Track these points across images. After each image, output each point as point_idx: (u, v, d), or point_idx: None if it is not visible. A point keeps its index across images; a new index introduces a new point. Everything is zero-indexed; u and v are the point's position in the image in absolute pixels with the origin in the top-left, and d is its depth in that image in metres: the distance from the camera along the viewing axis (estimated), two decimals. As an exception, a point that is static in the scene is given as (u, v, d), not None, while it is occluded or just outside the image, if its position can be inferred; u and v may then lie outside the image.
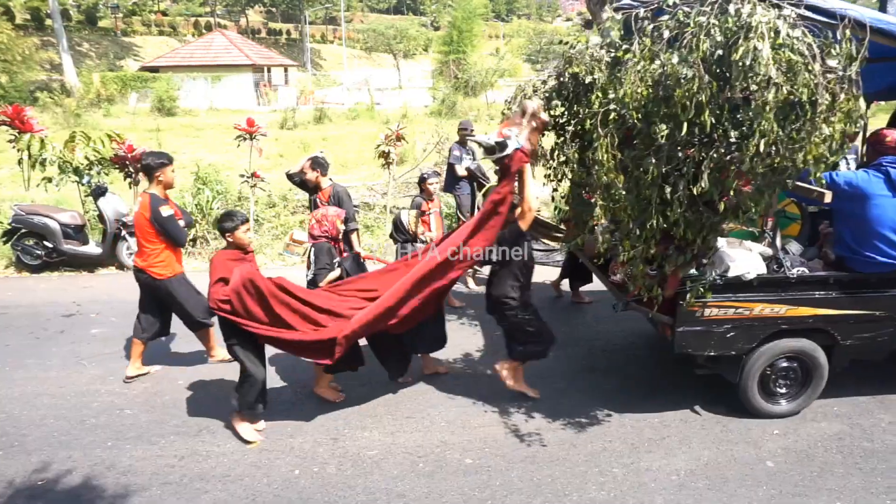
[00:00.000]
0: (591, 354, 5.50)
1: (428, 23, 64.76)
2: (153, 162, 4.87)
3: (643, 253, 3.70)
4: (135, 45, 42.02)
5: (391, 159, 8.65)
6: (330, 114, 23.49)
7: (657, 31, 3.47)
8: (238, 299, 3.95)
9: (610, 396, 4.72)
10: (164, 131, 18.81)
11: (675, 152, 3.42)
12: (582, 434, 4.23)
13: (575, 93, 4.50)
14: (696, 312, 4.00)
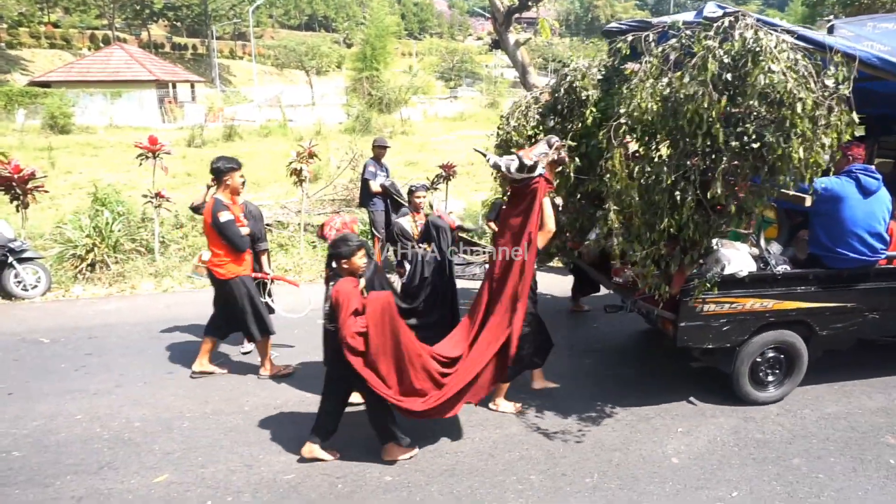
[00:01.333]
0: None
1: (340, 40, 64.50)
2: (223, 166, 4.93)
3: (653, 254, 4.02)
4: (22, 58, 39.31)
5: (304, 177, 8.53)
6: (241, 131, 22.85)
7: (663, 53, 3.89)
8: (380, 332, 3.75)
9: (523, 404, 4.83)
10: (57, 150, 17.62)
11: (683, 161, 3.82)
12: (499, 444, 4.30)
13: (570, 108, 4.80)
14: (697, 308, 4.34)
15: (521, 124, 5.56)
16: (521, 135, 5.49)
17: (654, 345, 6.20)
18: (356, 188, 10.61)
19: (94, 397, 4.95)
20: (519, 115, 5.64)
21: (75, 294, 7.55)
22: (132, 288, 7.72)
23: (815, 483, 3.88)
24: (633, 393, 5.01)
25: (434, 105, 34.68)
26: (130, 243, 8.40)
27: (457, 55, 52.68)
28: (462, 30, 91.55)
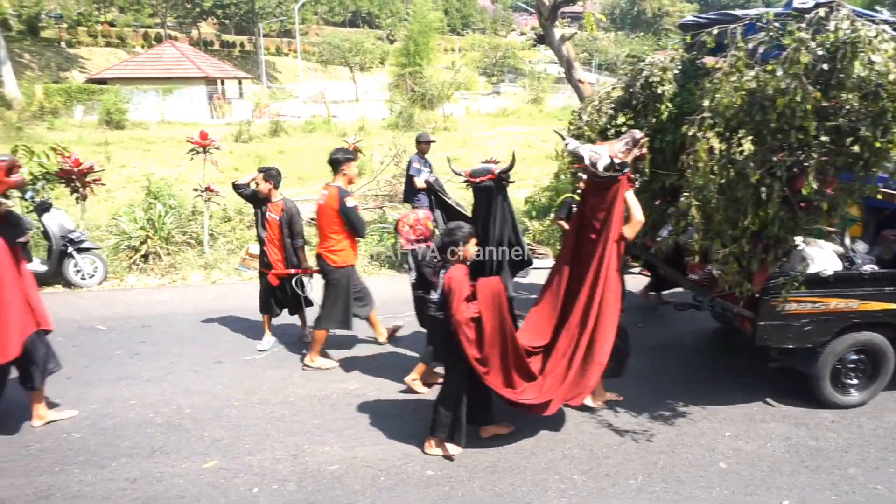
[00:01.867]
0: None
1: (384, 36, 64.91)
2: (341, 157, 5.24)
3: (736, 251, 3.95)
4: (80, 56, 40.82)
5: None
6: (286, 126, 23.24)
7: (749, 46, 3.84)
8: (492, 316, 3.83)
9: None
10: (112, 145, 18.28)
11: (769, 157, 3.74)
12: (542, 442, 4.27)
13: (644, 103, 4.83)
14: (777, 307, 4.24)
15: (593, 119, 5.50)
16: (594, 129, 5.44)
17: (708, 345, 6.07)
18: (399, 184, 10.69)
19: (147, 384, 5.13)
20: (592, 110, 5.58)
21: (129, 284, 7.83)
22: (183, 279, 7.96)
23: (873, 494, 3.73)
24: (682, 394, 4.90)
25: (476, 101, 34.59)
26: (181, 235, 8.65)
27: (500, 51, 52.36)
28: (505, 25, 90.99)
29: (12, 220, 4.31)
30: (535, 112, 30.27)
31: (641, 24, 72.34)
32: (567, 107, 30.68)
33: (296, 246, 5.62)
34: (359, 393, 4.97)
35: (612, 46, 55.94)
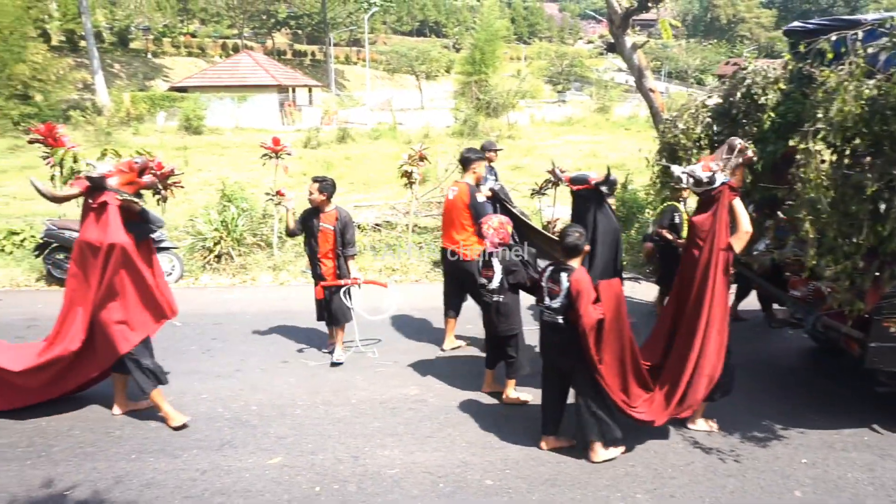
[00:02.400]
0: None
1: (450, 45, 65.53)
2: (472, 156, 5.54)
3: (849, 268, 3.79)
4: (164, 65, 43.10)
5: (414, 179, 8.72)
6: (353, 133, 23.78)
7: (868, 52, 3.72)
8: (613, 318, 3.90)
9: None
10: (190, 149, 19.18)
11: (889, 169, 3.58)
12: (604, 458, 4.17)
13: (745, 112, 4.70)
14: (891, 328, 4.04)
15: (689, 127, 5.39)
16: (689, 138, 5.34)
17: (789, 365, 5.80)
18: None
19: (218, 379, 5.33)
20: (688, 118, 5.47)
21: (203, 282, 8.17)
22: (252, 279, 8.24)
23: (968, 535, 3.46)
24: (756, 416, 4.68)
25: (541, 109, 34.38)
26: (252, 237, 8.97)
27: (566, 59, 51.92)
28: (572, 33, 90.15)
29: (145, 218, 4.59)
30: (602, 121, 29.81)
31: (715, 30, 70.10)
32: (634, 116, 30.14)
33: (347, 255, 5.59)
34: (419, 398, 5.00)
35: (683, 54, 54.45)
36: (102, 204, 4.28)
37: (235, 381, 5.32)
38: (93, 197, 4.32)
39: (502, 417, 4.71)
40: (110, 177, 4.34)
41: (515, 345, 4.84)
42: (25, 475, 3.97)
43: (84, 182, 4.30)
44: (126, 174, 4.45)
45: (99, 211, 4.30)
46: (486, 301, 4.80)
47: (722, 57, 60.73)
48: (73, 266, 4.51)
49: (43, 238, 7.94)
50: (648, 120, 26.64)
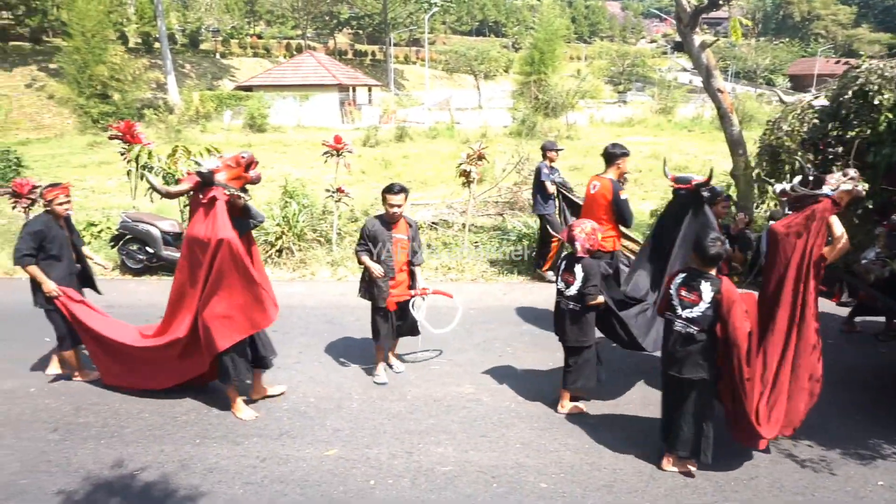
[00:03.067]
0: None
1: (509, 44, 65.24)
2: (617, 151, 5.56)
3: None
4: (232, 66, 44.58)
5: (472, 178, 8.72)
6: (411, 132, 24.00)
7: None
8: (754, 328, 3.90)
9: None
10: (254, 146, 19.79)
11: None
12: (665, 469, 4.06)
13: (857, 112, 4.54)
14: None
15: (794, 129, 5.21)
16: (794, 140, 5.16)
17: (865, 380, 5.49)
18: (520, 191, 10.66)
19: (278, 371, 5.46)
20: (793, 120, 5.28)
21: (265, 276, 8.40)
22: (311, 274, 8.43)
23: None
24: (829, 432, 4.46)
25: (601, 110, 33.78)
26: (312, 233, 9.18)
27: (628, 58, 50.86)
28: (635, 32, 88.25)
29: (249, 213, 4.60)
30: (663, 122, 29.04)
31: (787, 28, 67.21)
32: (698, 117, 29.22)
33: (417, 263, 5.22)
34: (473, 397, 5.00)
35: (752, 54, 52.41)
36: (211, 199, 4.31)
37: (294, 372, 5.45)
38: (202, 192, 4.35)
39: (558, 420, 4.65)
40: (218, 172, 4.36)
41: (585, 358, 4.67)
42: (100, 454, 4.19)
43: (194, 178, 4.36)
44: (234, 169, 4.45)
45: (208, 206, 4.33)
46: (562, 307, 4.71)
47: (794, 56, 58.16)
48: (181, 260, 4.60)
49: (118, 230, 8.35)
50: (713, 122, 25.90)
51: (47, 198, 5.10)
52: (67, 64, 27.10)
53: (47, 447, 4.29)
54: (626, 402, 4.94)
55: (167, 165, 8.33)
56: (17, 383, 5.24)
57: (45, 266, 5.00)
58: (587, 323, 4.63)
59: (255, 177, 4.59)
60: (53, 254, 5.04)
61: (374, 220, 5.12)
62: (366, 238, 5.04)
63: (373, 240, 5.02)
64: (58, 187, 5.14)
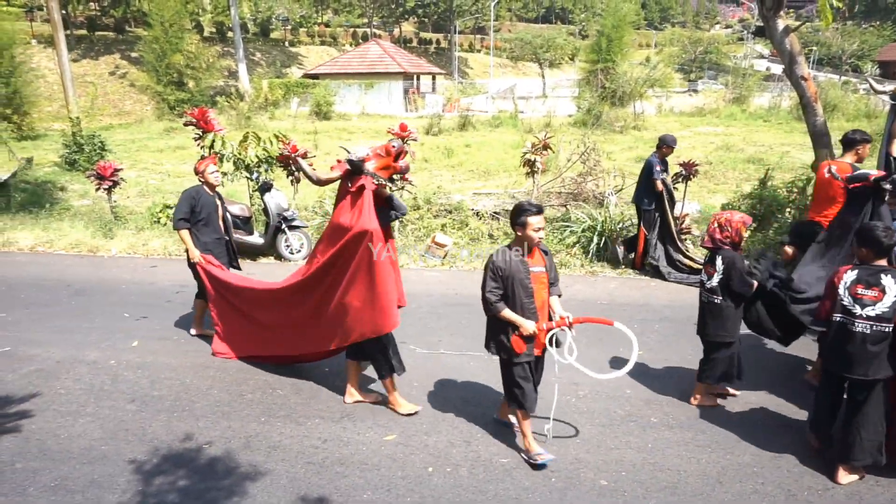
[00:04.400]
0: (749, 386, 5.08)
1: (576, 31, 63.90)
2: (858, 137, 5.39)
3: None
4: (300, 54, 45.57)
5: (536, 168, 8.59)
6: (473, 121, 23.90)
7: None
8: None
9: (771, 432, 4.32)
10: (320, 133, 20.17)
11: None
12: (730, 471, 3.91)
13: None
14: None
15: None
16: None
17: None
18: (585, 182, 10.46)
19: (341, 354, 5.57)
20: None
21: (328, 261, 8.58)
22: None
23: None
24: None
25: (671, 99, 32.63)
26: (375, 220, 9.28)
27: (700, 45, 48.86)
28: (709, 18, 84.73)
29: (392, 204, 4.50)
30: (737, 112, 27.77)
31: (877, 11, 62.91)
32: (775, 107, 27.80)
33: (556, 293, 4.09)
34: (533, 390, 4.94)
35: (837, 38, 49.35)
36: (360, 188, 4.27)
37: (356, 357, 5.54)
38: (351, 180, 4.32)
39: (618, 418, 4.55)
40: (368, 161, 4.30)
41: (723, 354, 4.52)
42: (172, 426, 4.39)
43: (344, 166, 4.32)
44: (383, 158, 4.38)
45: (355, 195, 4.30)
46: (703, 299, 4.58)
47: (884, 41, 54.41)
48: (322, 244, 4.61)
49: (192, 212, 8.69)
50: (792, 111, 24.60)
51: (199, 169, 5.67)
52: (147, 53, 28.36)
53: (125, 417, 4.53)
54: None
55: (238, 152, 8.59)
56: (100, 355, 5.55)
57: (195, 230, 5.59)
58: (728, 318, 4.48)
59: (404, 166, 4.52)
60: (202, 219, 5.60)
61: (505, 252, 3.90)
62: (498, 278, 3.85)
63: (507, 278, 3.84)
64: (206, 159, 5.66)
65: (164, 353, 5.60)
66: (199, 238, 5.58)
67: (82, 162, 15.13)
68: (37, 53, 30.28)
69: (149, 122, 27.50)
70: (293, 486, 3.76)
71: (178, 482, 3.79)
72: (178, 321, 6.40)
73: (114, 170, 9.53)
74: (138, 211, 11.09)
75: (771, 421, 4.52)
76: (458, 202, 10.26)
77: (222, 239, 5.82)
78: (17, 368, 5.30)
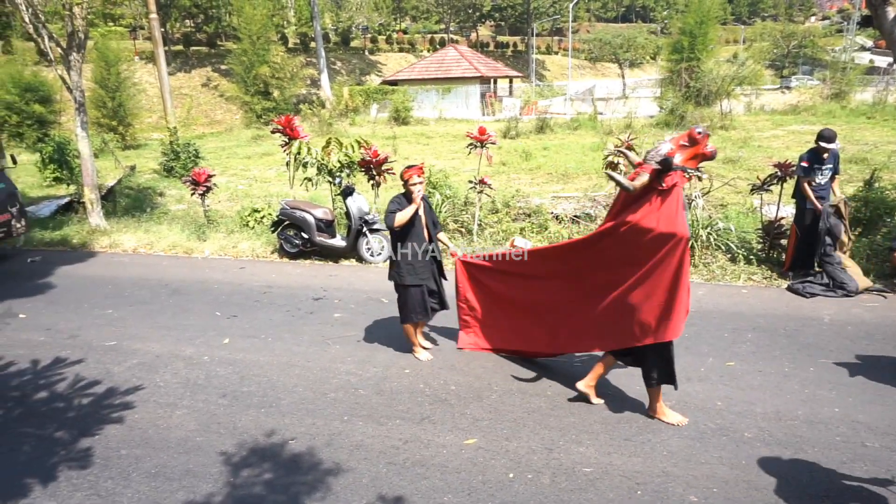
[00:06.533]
0: (860, 403, 4.71)
1: (657, 30, 61.97)
2: None
3: None
4: (378, 62, 46.64)
5: (620, 170, 8.36)
6: (551, 124, 23.60)
7: None
8: None
9: (889, 450, 3.99)
10: (398, 139, 20.51)
11: None
12: (835, 493, 3.63)
13: None
14: None
15: None
16: None
17: None
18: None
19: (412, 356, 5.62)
20: None
21: (407, 264, 8.68)
22: (453, 265, 8.55)
23: None
24: None
25: (761, 96, 30.99)
26: (454, 223, 9.32)
27: (794, 39, 46.18)
28: (803, 10, 79.94)
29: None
30: (836, 109, 26.01)
31: None
32: (880, 102, 25.82)
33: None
34: (617, 397, 4.80)
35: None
36: (671, 187, 4.01)
37: (436, 359, 5.56)
38: (660, 180, 4.03)
39: (710, 431, 4.32)
40: (672, 155, 4.04)
41: None
42: (260, 421, 4.56)
43: (650, 167, 4.06)
44: (688, 148, 4.08)
45: (664, 195, 4.03)
46: None
47: None
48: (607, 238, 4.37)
49: (278, 216, 9.04)
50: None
51: (405, 177, 5.27)
52: (236, 65, 29.88)
53: (217, 410, 4.74)
54: (790, 416, 4.47)
55: (321, 157, 8.86)
56: (195, 351, 5.86)
57: (398, 242, 5.36)
58: None
59: (711, 151, 4.10)
60: (406, 227, 5.31)
61: None
62: None
63: None
64: (413, 168, 5.32)
65: (253, 351, 5.84)
66: (400, 247, 5.36)
67: (178, 169, 16.10)
68: (139, 69, 32.50)
69: (237, 130, 28.93)
70: (374, 484, 3.80)
71: (264, 475, 3.92)
72: (265, 321, 6.65)
73: (207, 176, 10.06)
74: (228, 215, 11.66)
75: (885, 440, 4.16)
76: (537, 205, 10.14)
77: (427, 250, 5.49)
78: (121, 361, 5.68)
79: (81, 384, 5.27)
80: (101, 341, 6.18)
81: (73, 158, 14.48)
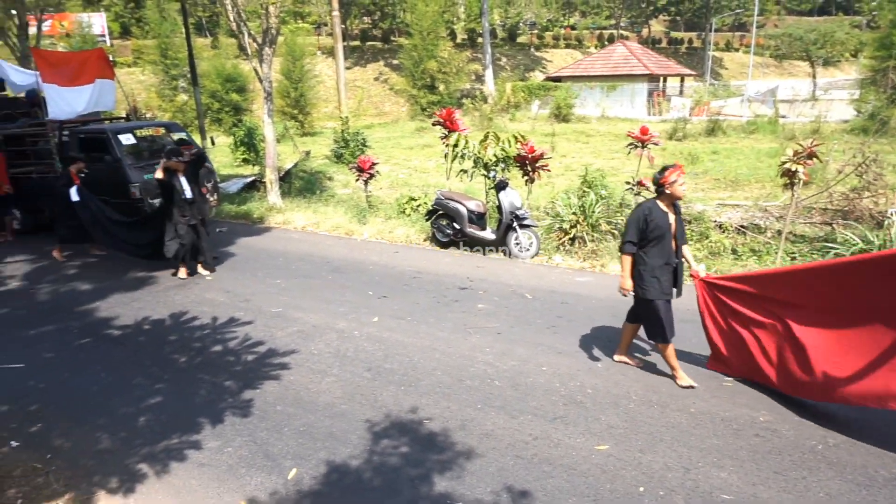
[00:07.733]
0: None
1: (862, 23, 54.85)
2: None
3: None
4: (544, 57, 46.28)
5: (797, 179, 7.59)
6: (724, 126, 21.95)
7: None
8: None
9: None
10: (558, 136, 20.28)
11: None
12: None
13: None
14: None
15: None
16: None
17: None
18: (860, 199, 9.00)
19: (559, 356, 5.57)
20: None
21: (555, 262, 8.61)
22: (601, 266, 8.34)
23: None
24: None
25: None
26: (607, 225, 9.06)
27: None
28: None
29: None
30: None
31: None
32: None
33: None
34: (769, 426, 4.40)
35: None
36: None
37: (575, 360, 5.48)
38: None
39: (881, 478, 3.82)
40: None
41: None
42: (399, 398, 4.81)
43: None
44: None
45: None
46: None
47: None
48: None
49: (433, 206, 9.40)
50: None
51: (667, 180, 4.72)
52: (406, 59, 31.39)
53: (361, 382, 5.08)
54: None
55: (478, 150, 9.05)
56: (346, 325, 6.31)
57: (642, 252, 4.85)
58: None
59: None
60: (652, 238, 4.76)
61: None
62: None
63: None
64: (674, 168, 4.75)
65: (399, 331, 6.15)
66: (644, 262, 4.83)
67: (347, 156, 17.34)
68: (320, 62, 35.29)
69: (403, 122, 30.40)
70: (500, 475, 3.86)
71: (400, 448, 4.15)
72: (412, 304, 6.96)
73: (371, 163, 10.72)
74: (387, 201, 12.34)
75: None
76: (699, 212, 9.54)
77: (671, 264, 4.89)
78: (284, 327, 6.28)
79: (249, 342, 5.92)
80: (269, 307, 6.88)
81: (259, 142, 16.20)
